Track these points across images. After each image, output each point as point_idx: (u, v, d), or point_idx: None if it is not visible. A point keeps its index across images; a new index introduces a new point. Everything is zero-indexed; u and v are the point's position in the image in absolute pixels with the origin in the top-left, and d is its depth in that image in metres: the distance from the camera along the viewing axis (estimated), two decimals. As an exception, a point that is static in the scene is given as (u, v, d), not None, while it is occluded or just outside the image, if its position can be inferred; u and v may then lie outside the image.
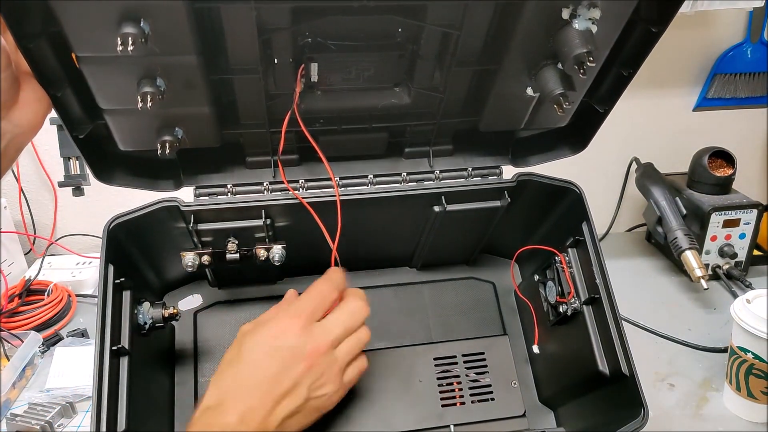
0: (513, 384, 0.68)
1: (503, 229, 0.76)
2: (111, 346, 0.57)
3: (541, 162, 0.72)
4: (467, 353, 0.69)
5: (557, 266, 0.70)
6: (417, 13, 0.53)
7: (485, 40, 0.56)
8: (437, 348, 0.69)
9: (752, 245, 1.11)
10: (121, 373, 0.58)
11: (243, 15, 0.49)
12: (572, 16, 0.50)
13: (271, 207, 0.65)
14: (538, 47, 0.54)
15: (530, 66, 0.57)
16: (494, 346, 0.70)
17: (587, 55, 0.50)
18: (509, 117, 0.65)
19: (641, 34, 0.56)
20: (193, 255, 0.66)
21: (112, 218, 0.62)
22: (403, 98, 0.63)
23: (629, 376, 0.60)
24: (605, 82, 0.62)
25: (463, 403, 0.66)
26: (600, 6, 0.50)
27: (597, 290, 0.64)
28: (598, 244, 0.65)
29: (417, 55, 0.58)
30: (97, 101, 0.53)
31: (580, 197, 0.67)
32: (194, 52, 0.50)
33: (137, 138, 0.59)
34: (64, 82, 0.51)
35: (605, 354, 0.64)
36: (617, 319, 0.62)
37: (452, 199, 0.69)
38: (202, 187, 0.66)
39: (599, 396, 0.65)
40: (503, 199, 0.70)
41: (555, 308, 0.70)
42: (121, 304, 0.61)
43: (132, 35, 0.45)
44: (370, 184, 0.69)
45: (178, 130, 0.58)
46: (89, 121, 0.56)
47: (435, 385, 0.66)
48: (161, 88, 0.51)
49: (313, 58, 0.56)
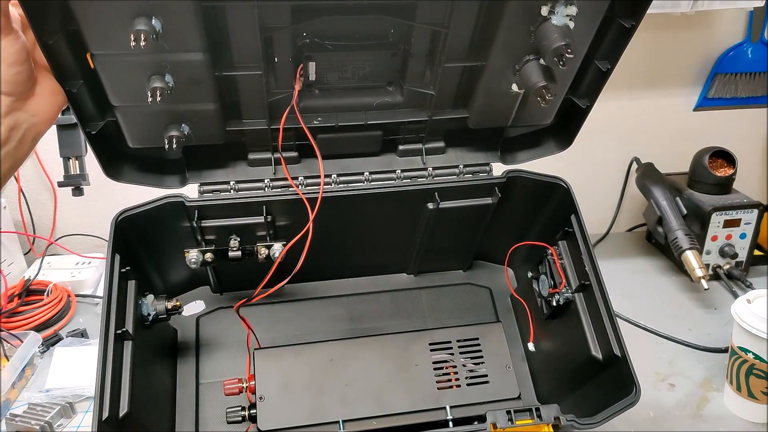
0: (507, 368, 0.70)
1: (496, 232, 0.80)
2: (116, 330, 0.60)
3: (529, 159, 0.76)
4: (462, 338, 0.72)
5: (549, 259, 0.74)
6: (407, 13, 0.58)
7: (471, 38, 0.61)
8: (432, 334, 0.72)
9: (753, 245, 1.12)
10: (125, 358, 0.61)
11: (246, 13, 0.54)
12: (550, 12, 0.55)
13: (272, 203, 0.70)
14: (521, 43, 0.59)
15: (514, 61, 0.61)
16: (488, 332, 0.73)
17: (565, 48, 0.54)
18: (497, 114, 0.69)
19: (617, 29, 0.61)
20: (196, 252, 0.70)
21: (119, 212, 0.66)
22: (396, 96, 0.68)
23: (620, 356, 0.63)
24: (586, 77, 0.67)
25: (459, 386, 0.69)
26: (576, 3, 0.55)
27: (587, 277, 0.68)
28: (587, 233, 0.69)
29: (409, 54, 0.63)
30: (109, 98, 0.58)
31: (568, 191, 0.71)
32: (201, 49, 0.54)
33: (146, 134, 0.63)
34: (79, 79, 0.56)
35: (597, 339, 0.67)
36: (607, 303, 0.66)
37: (445, 196, 0.73)
38: (206, 183, 0.70)
39: (595, 384, 0.68)
40: (494, 196, 0.74)
41: (548, 302, 0.74)
42: (126, 293, 0.65)
43: (144, 32, 0.49)
44: (366, 180, 0.73)
45: (184, 127, 0.62)
46: (101, 117, 0.61)
47: (431, 369, 0.69)
48: (170, 84, 0.56)
49: (311, 57, 0.61)
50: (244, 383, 0.68)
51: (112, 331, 0.60)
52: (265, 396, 0.66)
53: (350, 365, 0.69)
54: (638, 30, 0.59)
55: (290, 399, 0.66)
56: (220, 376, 0.72)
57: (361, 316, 0.80)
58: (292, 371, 0.68)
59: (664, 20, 1.12)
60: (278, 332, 0.78)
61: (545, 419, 0.58)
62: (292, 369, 0.68)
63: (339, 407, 0.66)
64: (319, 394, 0.67)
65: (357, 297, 0.82)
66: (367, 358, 0.69)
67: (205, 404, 0.72)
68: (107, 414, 0.56)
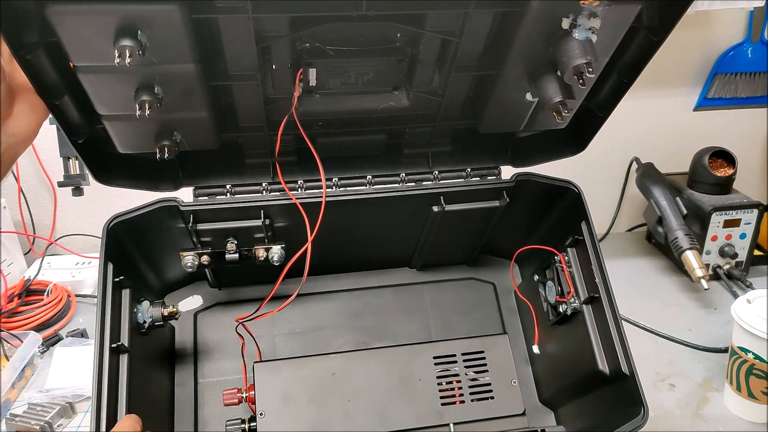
0: (513, 383, 0.68)
1: (503, 229, 0.76)
2: (110, 344, 0.57)
3: (540, 162, 0.73)
4: (467, 352, 0.69)
5: (557, 266, 0.70)
6: (416, 21, 0.54)
7: (485, 47, 0.57)
8: (437, 347, 0.69)
9: (753, 245, 1.11)
10: (121, 370, 0.59)
11: (241, 25, 0.50)
12: (572, 26, 0.51)
13: (269, 207, 0.66)
14: (538, 55, 0.54)
15: (530, 72, 0.57)
16: (494, 345, 0.70)
17: (586, 66, 0.50)
18: (509, 120, 0.65)
19: (642, 42, 0.57)
20: (192, 255, 0.67)
21: (111, 217, 0.62)
22: (401, 101, 0.64)
23: (629, 375, 0.60)
24: (604, 88, 0.63)
25: (463, 402, 0.66)
26: (600, 15, 0.50)
27: (596, 290, 0.65)
28: (598, 244, 0.66)
29: (416, 60, 0.58)
30: (95, 108, 0.54)
31: (579, 197, 0.68)
32: (193, 60, 0.50)
33: (136, 142, 0.59)
34: (63, 91, 0.52)
35: (605, 353, 0.64)
36: (617, 318, 0.63)
37: (451, 200, 0.69)
38: (201, 187, 0.67)
39: (599, 396, 0.65)
40: (502, 200, 0.70)
41: (555, 308, 0.71)
42: (121, 302, 0.62)
43: (129, 47, 0.45)
44: (369, 184, 0.70)
45: (176, 134, 0.59)
46: (88, 126, 0.57)
47: (435, 383, 0.67)
48: (159, 96, 0.52)
49: (312, 63, 0.57)
50: (243, 393, 0.66)
51: (107, 345, 0.57)
52: (266, 412, 0.64)
53: (353, 379, 0.67)
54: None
55: (291, 414, 0.64)
56: (219, 375, 0.71)
57: (363, 311, 0.78)
58: (293, 385, 0.66)
59: (664, 20, 1.12)
60: (279, 329, 0.76)
61: None
62: (292, 383, 0.66)
63: (341, 423, 0.64)
64: (320, 409, 0.65)
65: (359, 292, 0.80)
66: (370, 372, 0.67)
67: (204, 404, 0.70)
68: (104, 426, 0.55)
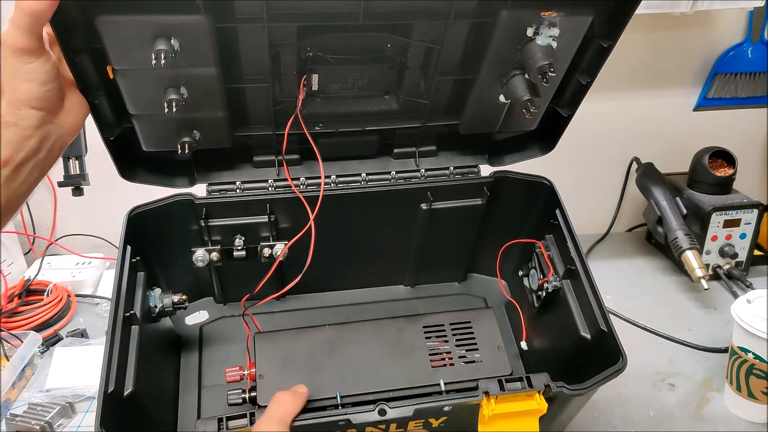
0: (498, 348, 0.75)
1: (488, 238, 0.86)
2: (124, 313, 0.65)
3: (514, 161, 0.83)
4: (454, 322, 0.77)
5: (537, 252, 0.80)
6: (405, 31, 0.66)
7: (463, 54, 0.69)
8: (426, 318, 0.77)
9: (753, 245, 1.15)
10: (132, 341, 0.66)
11: (256, 32, 0.61)
12: (535, 33, 0.63)
13: (275, 202, 0.77)
14: (508, 59, 0.67)
15: (502, 75, 0.69)
16: (480, 317, 0.78)
17: (549, 67, 0.62)
18: (485, 121, 0.77)
19: (595, 48, 0.68)
20: (203, 251, 0.76)
21: (132, 208, 0.72)
22: (392, 104, 0.75)
23: (607, 331, 0.68)
24: (567, 89, 0.74)
25: (452, 365, 0.73)
26: (558, 25, 0.62)
27: (573, 262, 0.74)
28: (571, 224, 0.76)
29: (404, 66, 0.70)
30: (127, 107, 0.65)
31: (552, 189, 0.78)
32: (214, 64, 0.61)
33: (159, 139, 0.70)
34: (101, 91, 0.63)
35: (586, 320, 0.72)
36: (593, 284, 0.71)
37: (437, 196, 0.81)
38: (213, 184, 0.77)
39: (586, 363, 0.71)
40: (483, 196, 0.81)
41: (538, 295, 0.80)
42: (136, 281, 0.70)
43: (164, 51, 0.56)
44: (363, 181, 0.80)
45: (195, 133, 0.69)
46: (118, 124, 0.68)
47: (425, 349, 0.74)
48: (184, 96, 0.63)
49: (315, 70, 0.68)
50: (245, 370, 0.71)
51: (121, 314, 0.64)
52: (265, 374, 0.69)
53: (348, 346, 0.73)
54: (638, 30, 0.59)
55: (289, 376, 0.70)
56: (222, 381, 0.73)
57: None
58: (291, 351, 0.72)
59: (663, 20, 1.14)
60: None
61: (535, 386, 0.61)
62: (291, 349, 0.72)
63: (337, 383, 0.70)
64: (317, 371, 0.71)
65: (354, 307, 0.88)
66: (364, 340, 0.74)
67: (205, 405, 0.74)
68: (113, 388, 0.59)
